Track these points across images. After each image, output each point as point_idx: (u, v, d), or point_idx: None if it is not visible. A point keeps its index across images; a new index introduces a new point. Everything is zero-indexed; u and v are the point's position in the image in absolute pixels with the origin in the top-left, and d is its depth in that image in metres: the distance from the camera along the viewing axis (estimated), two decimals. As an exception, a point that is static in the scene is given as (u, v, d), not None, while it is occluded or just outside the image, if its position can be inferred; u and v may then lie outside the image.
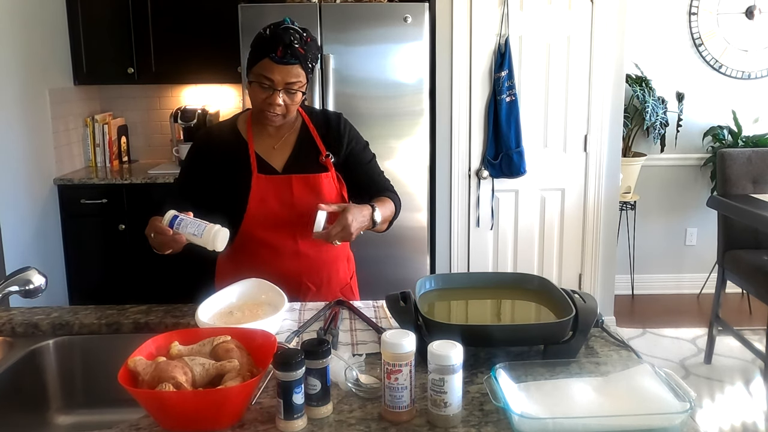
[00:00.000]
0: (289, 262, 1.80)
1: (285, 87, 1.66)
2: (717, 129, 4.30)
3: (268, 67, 1.65)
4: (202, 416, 1.08)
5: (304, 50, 1.66)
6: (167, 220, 1.53)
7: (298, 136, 1.82)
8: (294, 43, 1.63)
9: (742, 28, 4.25)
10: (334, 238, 1.63)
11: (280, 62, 1.64)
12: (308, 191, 1.77)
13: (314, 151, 1.81)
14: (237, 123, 1.84)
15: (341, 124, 1.86)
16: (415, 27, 3.30)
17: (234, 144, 1.80)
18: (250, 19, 3.29)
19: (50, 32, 3.68)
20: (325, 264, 1.85)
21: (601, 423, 1.06)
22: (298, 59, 1.65)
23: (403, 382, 1.10)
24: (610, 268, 3.75)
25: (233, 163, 1.78)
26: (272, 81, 1.65)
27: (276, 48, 1.63)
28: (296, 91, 1.69)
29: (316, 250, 1.82)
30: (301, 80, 1.68)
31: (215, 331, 1.26)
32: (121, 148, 4.16)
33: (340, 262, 1.92)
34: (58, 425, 1.50)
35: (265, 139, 1.80)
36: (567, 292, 1.39)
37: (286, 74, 1.65)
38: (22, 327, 1.56)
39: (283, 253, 1.79)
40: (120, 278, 3.73)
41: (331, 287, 1.87)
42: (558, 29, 3.49)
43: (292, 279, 1.78)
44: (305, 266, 1.81)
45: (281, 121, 1.75)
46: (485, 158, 3.57)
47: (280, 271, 1.76)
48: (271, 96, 1.67)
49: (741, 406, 3.04)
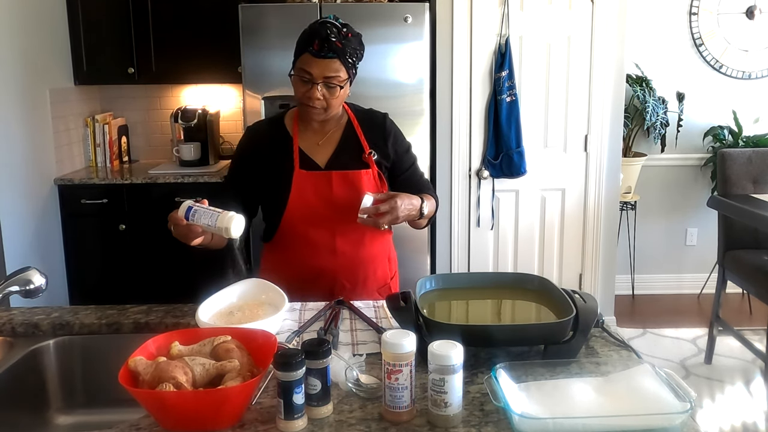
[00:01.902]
0: (326, 259, 1.81)
1: (324, 81, 1.69)
2: (717, 129, 4.30)
3: (307, 61, 1.68)
4: (202, 416, 1.08)
5: (342, 44, 1.68)
6: (182, 211, 1.51)
7: (342, 133, 1.84)
8: (331, 37, 1.66)
9: (742, 28, 4.25)
10: (381, 221, 1.63)
11: (317, 56, 1.67)
12: (347, 188, 1.77)
13: (357, 148, 1.82)
14: (284, 119, 1.87)
15: (386, 123, 1.88)
16: (415, 27, 3.30)
17: (279, 139, 1.82)
18: (250, 19, 3.29)
19: (50, 32, 3.68)
20: (362, 263, 1.85)
21: (602, 423, 1.06)
22: (335, 53, 1.67)
23: (403, 382, 1.10)
24: (610, 268, 3.75)
25: (277, 158, 1.80)
26: (311, 74, 1.68)
27: (313, 42, 1.67)
28: (335, 85, 1.70)
29: (353, 249, 1.82)
30: (341, 75, 1.70)
31: (215, 331, 1.26)
32: (122, 148, 4.16)
33: (379, 261, 1.91)
34: (58, 425, 1.50)
35: (310, 135, 1.83)
36: (567, 292, 1.39)
37: (324, 68, 1.68)
38: (22, 327, 1.56)
39: (320, 250, 1.80)
40: (120, 278, 3.73)
41: (367, 287, 1.86)
42: (558, 29, 3.49)
43: (327, 276, 1.81)
44: (341, 264, 1.82)
45: (323, 116, 1.76)
46: (485, 158, 3.57)
47: (317, 268, 1.80)
48: (311, 89, 1.69)
49: (741, 407, 3.03)
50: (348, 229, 1.79)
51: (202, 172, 3.73)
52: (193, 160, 3.90)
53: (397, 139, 1.89)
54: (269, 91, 3.36)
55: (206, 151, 3.94)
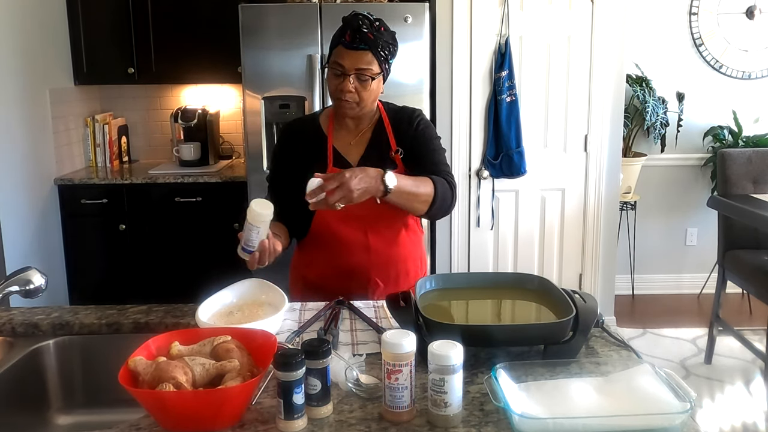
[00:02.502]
0: (359, 257, 1.81)
1: (356, 73, 1.69)
2: (717, 129, 4.30)
3: (339, 54, 1.69)
4: (202, 416, 1.08)
5: (374, 36, 1.68)
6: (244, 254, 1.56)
7: (373, 131, 1.84)
8: (362, 28, 1.67)
9: (742, 28, 4.25)
10: (332, 199, 1.52)
11: (350, 47, 1.68)
12: None
13: (386, 147, 1.82)
14: (319, 117, 1.88)
15: (414, 118, 1.86)
16: (415, 27, 3.30)
17: (314, 138, 1.83)
18: (250, 19, 3.29)
19: (50, 32, 3.68)
20: (395, 262, 1.85)
21: (602, 423, 1.06)
22: (367, 45, 1.67)
23: (403, 382, 1.10)
24: (610, 268, 3.75)
25: (312, 156, 1.80)
26: (343, 67, 1.69)
27: (345, 33, 1.68)
28: (367, 78, 1.70)
29: (386, 246, 1.83)
30: (372, 68, 1.70)
31: (215, 331, 1.26)
32: (122, 148, 4.16)
33: (411, 261, 1.90)
34: (58, 425, 1.50)
35: (344, 134, 1.83)
36: (567, 292, 1.39)
37: (356, 60, 1.68)
38: (22, 327, 1.56)
39: (353, 248, 1.81)
40: (120, 278, 3.73)
41: (399, 286, 1.84)
42: (558, 29, 3.49)
43: (361, 274, 1.81)
44: (375, 262, 1.82)
45: (355, 111, 1.76)
46: (485, 158, 3.57)
47: (351, 266, 1.80)
48: (343, 82, 1.70)
49: (741, 406, 3.03)
50: (381, 227, 1.81)
51: (202, 172, 3.73)
52: (193, 160, 3.90)
53: (423, 128, 1.85)
54: (269, 91, 3.35)
55: (206, 151, 3.95)
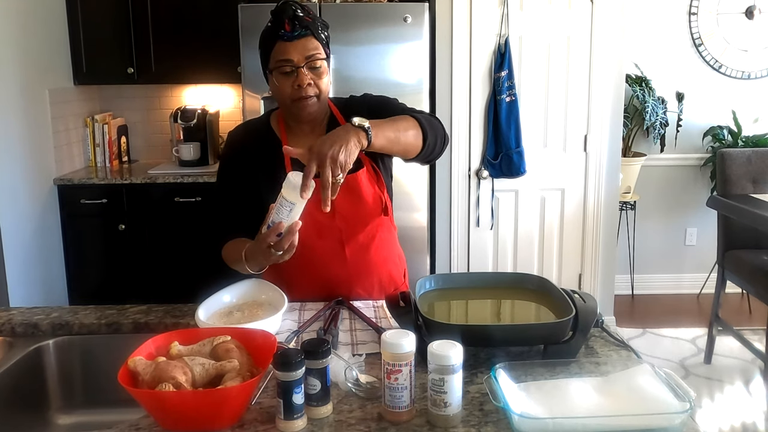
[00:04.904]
0: (338, 269, 1.69)
1: (307, 62, 1.57)
2: (717, 129, 4.30)
3: (282, 50, 1.57)
4: (202, 416, 1.08)
5: (312, 18, 1.59)
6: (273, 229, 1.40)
7: (327, 129, 1.66)
8: (298, 13, 1.55)
9: (742, 28, 4.25)
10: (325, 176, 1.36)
11: (292, 38, 1.55)
12: (346, 191, 1.59)
13: None
14: (270, 121, 1.74)
15: (363, 98, 1.75)
16: (415, 27, 3.30)
17: (269, 144, 1.68)
18: (250, 19, 3.29)
19: (50, 32, 3.68)
20: (376, 267, 1.74)
21: (601, 423, 1.06)
22: (308, 29, 1.56)
23: (403, 382, 1.10)
24: (610, 268, 3.75)
25: (268, 164, 1.65)
26: (291, 61, 1.56)
27: (282, 24, 1.55)
28: (320, 65, 1.58)
29: (363, 254, 1.71)
30: (320, 52, 1.58)
31: (215, 331, 1.26)
32: (121, 148, 4.16)
33: (391, 262, 1.80)
34: (58, 425, 1.50)
35: (300, 138, 1.67)
36: (567, 292, 1.39)
37: (303, 48, 1.56)
38: (22, 327, 1.55)
39: (329, 260, 1.68)
40: (120, 278, 3.73)
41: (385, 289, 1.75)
42: (558, 29, 3.49)
43: (342, 286, 1.69)
44: (354, 272, 1.70)
45: (317, 108, 1.62)
46: (485, 158, 3.57)
47: (329, 279, 1.69)
48: (297, 77, 1.57)
49: (741, 406, 3.04)
50: (356, 233, 1.69)
51: (202, 172, 3.73)
52: (192, 160, 3.90)
53: (370, 98, 1.74)
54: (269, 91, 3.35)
55: (206, 151, 3.94)
